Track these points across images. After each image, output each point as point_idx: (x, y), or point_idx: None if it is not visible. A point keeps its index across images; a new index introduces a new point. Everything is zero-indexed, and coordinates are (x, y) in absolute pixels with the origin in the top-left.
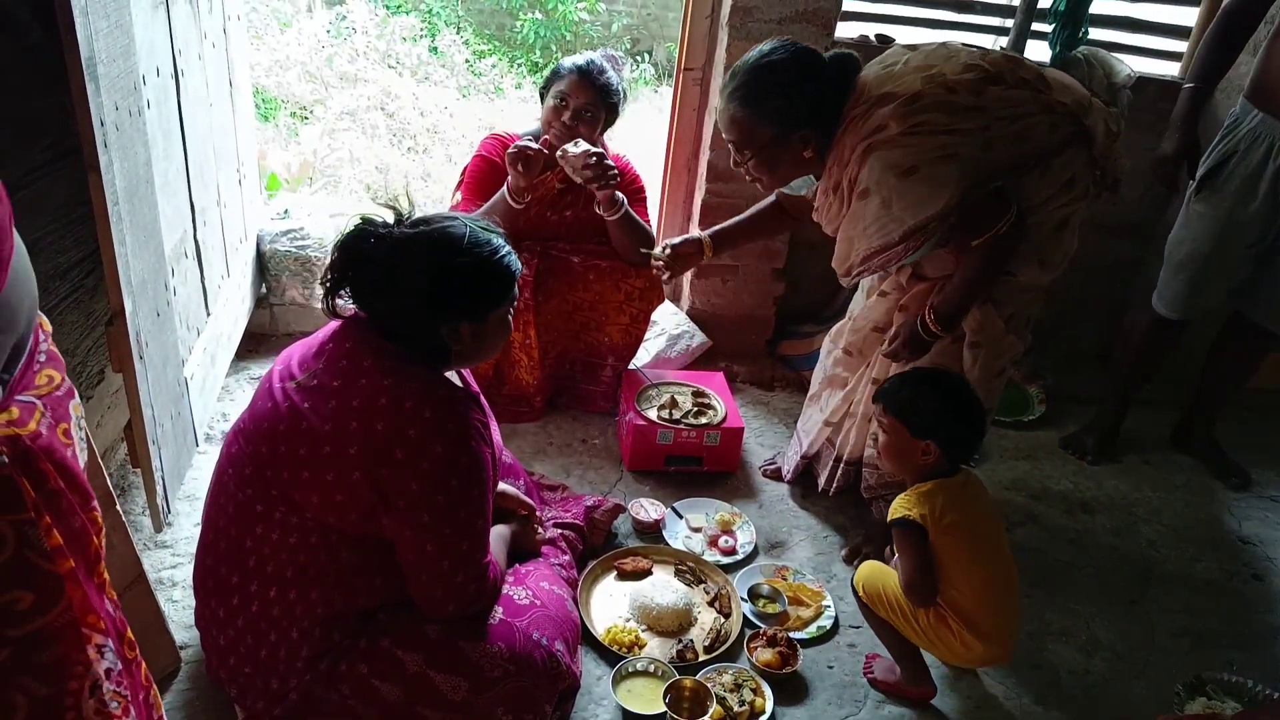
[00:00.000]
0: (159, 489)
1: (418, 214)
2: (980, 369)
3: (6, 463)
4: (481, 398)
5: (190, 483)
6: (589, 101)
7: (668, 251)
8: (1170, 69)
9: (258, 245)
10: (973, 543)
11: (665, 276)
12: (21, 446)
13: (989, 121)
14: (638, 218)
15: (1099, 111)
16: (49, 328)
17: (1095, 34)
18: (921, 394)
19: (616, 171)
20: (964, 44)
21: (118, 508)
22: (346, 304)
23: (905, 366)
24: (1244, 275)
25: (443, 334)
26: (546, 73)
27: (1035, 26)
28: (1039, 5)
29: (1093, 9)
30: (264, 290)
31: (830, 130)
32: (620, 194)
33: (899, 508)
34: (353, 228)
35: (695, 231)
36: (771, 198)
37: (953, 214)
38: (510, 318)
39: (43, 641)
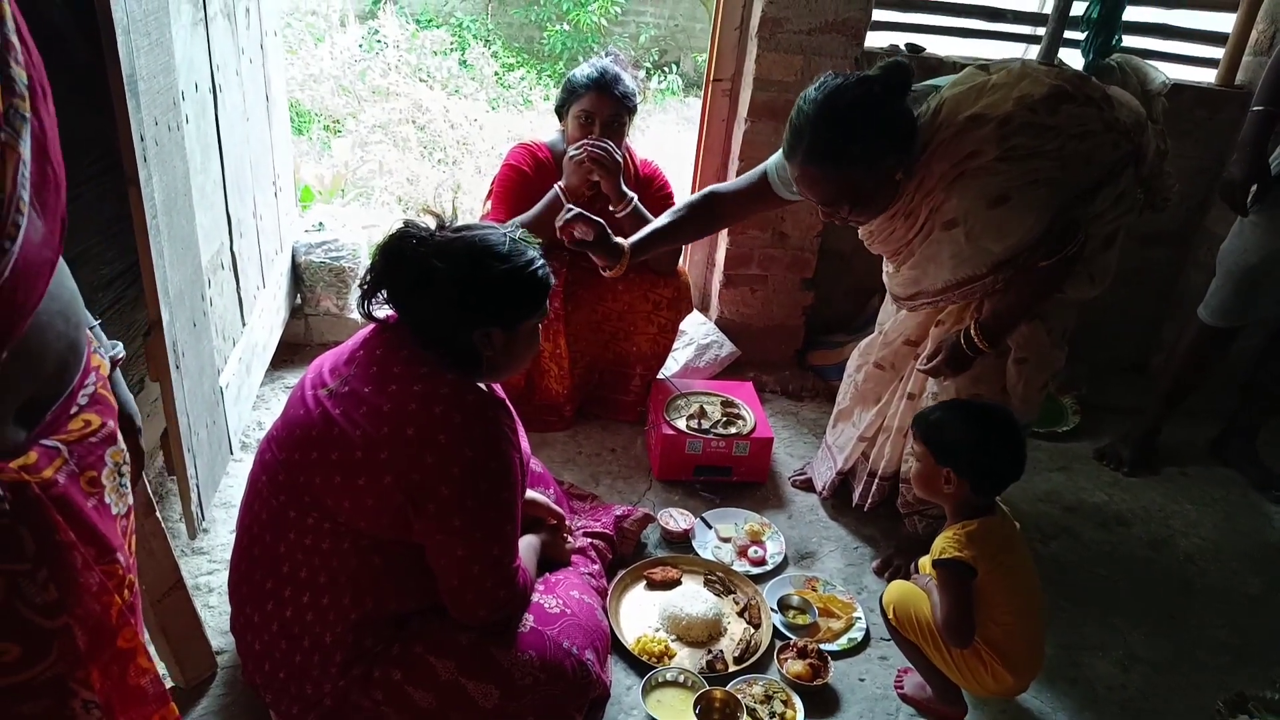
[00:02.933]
0: (194, 496)
1: (458, 222)
2: (1025, 384)
3: (7, 510)
4: (509, 404)
5: (226, 490)
6: (613, 113)
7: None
8: (1206, 76)
9: (293, 256)
10: (1015, 580)
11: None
12: (29, 495)
13: (1063, 141)
14: (653, 219)
15: (1151, 129)
16: (106, 369)
17: (1129, 41)
18: (948, 421)
19: (612, 156)
20: (1039, 62)
21: (157, 515)
22: (382, 308)
23: (945, 382)
24: None
25: (474, 339)
26: (560, 90)
27: (1068, 34)
28: (1072, 13)
29: (1127, 16)
30: (299, 301)
31: (912, 144)
32: (630, 191)
33: (948, 548)
34: (395, 230)
35: (626, 246)
36: (757, 176)
37: (1044, 242)
38: (539, 331)
39: (26, 694)
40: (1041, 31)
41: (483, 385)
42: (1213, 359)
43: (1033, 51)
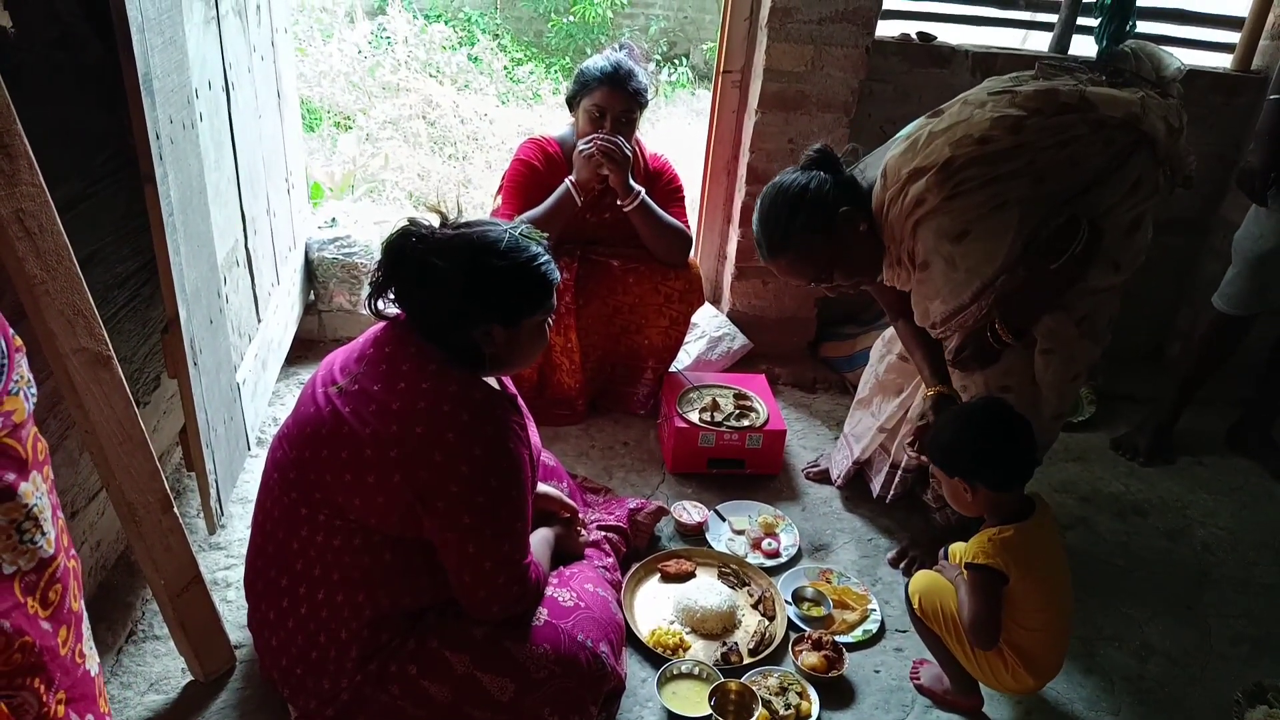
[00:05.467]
0: (213, 492)
1: (462, 219)
2: (1053, 375)
3: None
4: (519, 400)
5: (243, 486)
6: (625, 109)
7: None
8: (1222, 61)
9: (306, 253)
10: (1047, 589)
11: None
12: None
13: (1033, 155)
14: (663, 213)
15: (1156, 110)
16: (23, 415)
17: (1143, 27)
18: (942, 433)
19: (621, 150)
20: (989, 92)
21: (175, 510)
22: (390, 306)
23: (974, 375)
24: None
25: (474, 336)
26: (572, 81)
27: (1081, 21)
28: None
29: (1140, 1)
30: (312, 297)
31: (862, 200)
32: (638, 185)
33: (979, 552)
34: (398, 228)
35: (928, 392)
36: (894, 325)
37: (1019, 263)
38: (548, 328)
39: None
40: (1055, 19)
41: (492, 381)
42: (1229, 347)
43: (1046, 39)
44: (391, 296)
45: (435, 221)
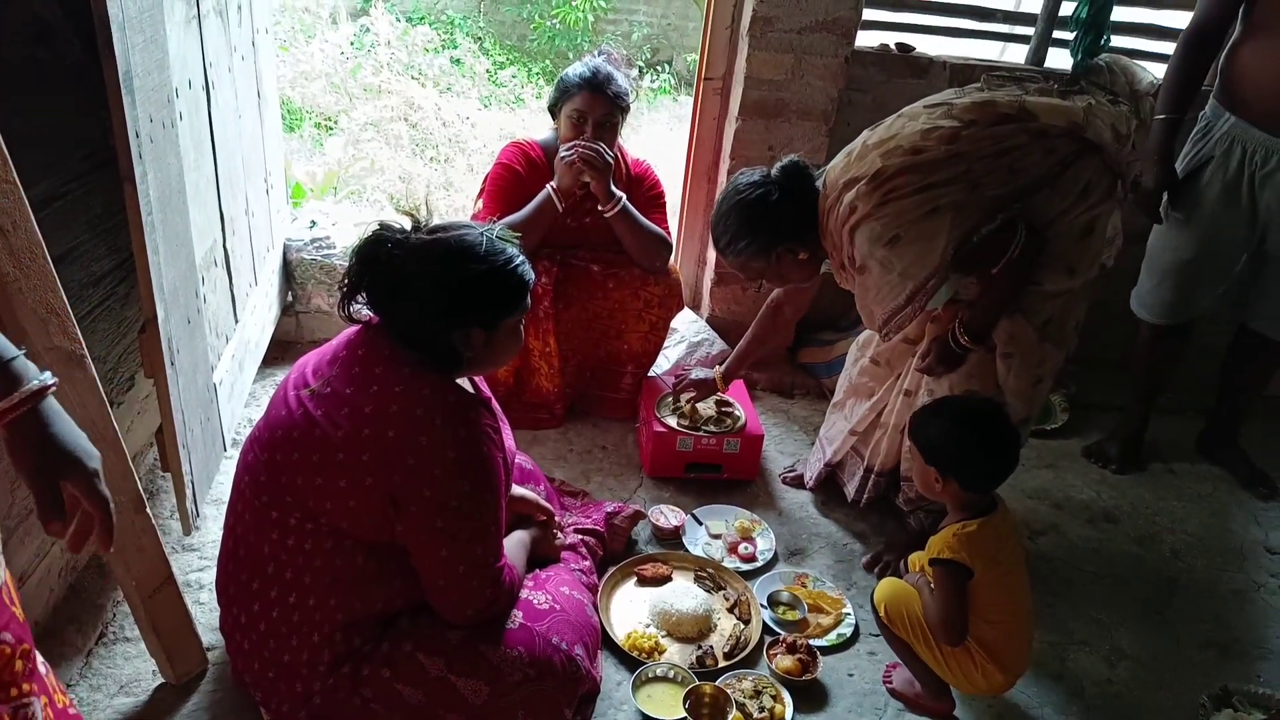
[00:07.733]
0: (188, 493)
1: (436, 221)
2: (1015, 379)
3: None
4: (493, 402)
5: (218, 487)
6: (606, 114)
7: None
8: None
9: (284, 254)
10: (1009, 581)
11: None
12: None
13: (969, 164)
14: (644, 219)
15: (1104, 117)
16: None
17: (1118, 41)
18: (930, 421)
19: (602, 157)
20: (925, 105)
21: (148, 511)
22: (362, 310)
23: (940, 380)
24: (1236, 283)
25: (453, 339)
26: (553, 89)
27: (1057, 34)
28: (1060, 13)
29: (1115, 16)
30: (290, 298)
31: (809, 229)
32: (618, 190)
33: (944, 548)
34: (370, 233)
35: (706, 372)
36: (769, 300)
37: (948, 268)
38: (522, 328)
39: None
40: (1031, 31)
41: (466, 384)
42: (1172, 355)
43: (1023, 51)
44: (363, 301)
45: (407, 224)
